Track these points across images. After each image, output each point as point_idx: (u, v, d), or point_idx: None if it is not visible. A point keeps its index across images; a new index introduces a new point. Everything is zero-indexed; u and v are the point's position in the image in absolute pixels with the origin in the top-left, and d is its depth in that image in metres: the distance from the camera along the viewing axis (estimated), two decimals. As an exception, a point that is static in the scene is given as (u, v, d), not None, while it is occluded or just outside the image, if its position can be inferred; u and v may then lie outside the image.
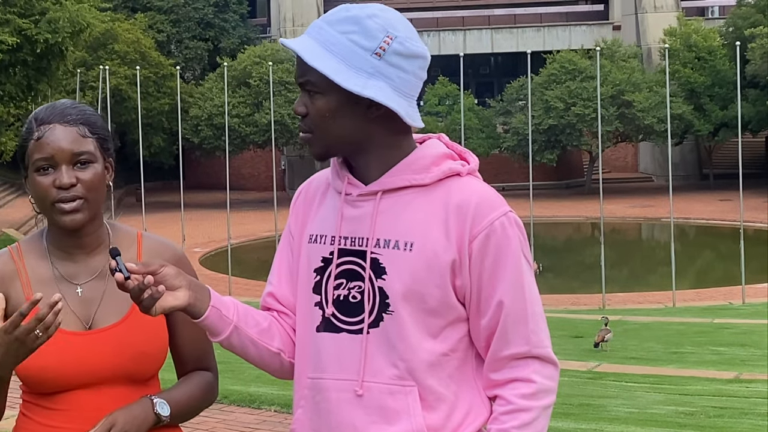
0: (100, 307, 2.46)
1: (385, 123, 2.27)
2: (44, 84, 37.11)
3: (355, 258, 2.29)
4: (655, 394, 11.23)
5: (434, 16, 65.11)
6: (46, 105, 2.49)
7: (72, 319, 2.43)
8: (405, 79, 2.25)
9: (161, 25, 60.45)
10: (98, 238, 2.50)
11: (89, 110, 2.48)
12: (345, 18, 2.24)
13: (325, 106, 2.24)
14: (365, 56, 2.22)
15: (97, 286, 2.47)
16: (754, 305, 25.91)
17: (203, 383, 2.58)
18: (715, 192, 54.35)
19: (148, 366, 2.47)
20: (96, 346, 2.42)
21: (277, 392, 8.43)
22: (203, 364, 2.60)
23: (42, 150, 2.40)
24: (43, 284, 2.45)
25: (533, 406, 2.26)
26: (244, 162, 60.40)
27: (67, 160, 2.39)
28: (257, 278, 31.77)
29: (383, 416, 2.26)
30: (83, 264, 2.48)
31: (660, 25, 58.64)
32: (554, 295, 28.70)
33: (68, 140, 2.40)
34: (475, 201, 2.25)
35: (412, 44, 2.26)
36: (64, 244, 2.48)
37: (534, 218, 32.06)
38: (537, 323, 2.30)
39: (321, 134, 2.27)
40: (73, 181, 2.39)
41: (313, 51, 2.22)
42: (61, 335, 2.39)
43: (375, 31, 2.23)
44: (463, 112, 40.17)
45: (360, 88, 2.20)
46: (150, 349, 2.46)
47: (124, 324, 2.45)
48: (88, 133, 2.43)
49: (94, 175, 2.42)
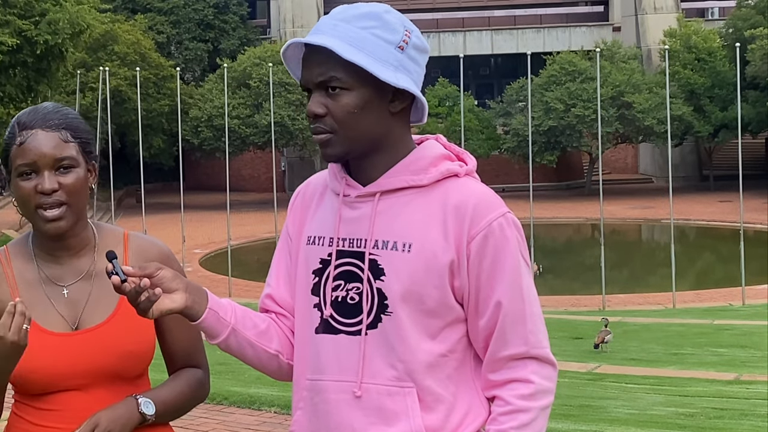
0: (87, 308, 2.47)
1: (402, 117, 2.30)
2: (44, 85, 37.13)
3: (354, 259, 2.29)
4: (655, 395, 11.22)
5: (434, 17, 65.15)
6: (29, 108, 2.49)
7: (58, 321, 2.45)
8: (419, 72, 2.30)
9: (161, 26, 60.47)
10: (83, 239, 2.51)
11: (72, 114, 2.49)
12: (363, 14, 2.25)
13: (353, 102, 2.24)
14: (390, 50, 2.24)
15: (83, 287, 2.48)
16: (754, 306, 25.91)
17: (193, 380, 2.58)
18: (715, 193, 54.36)
19: (136, 365, 2.48)
20: (83, 347, 2.44)
21: (277, 394, 8.43)
22: (193, 361, 2.61)
23: (24, 155, 2.41)
24: (29, 286, 2.47)
25: (531, 406, 2.26)
26: (244, 163, 60.42)
27: (49, 166, 2.41)
28: (257, 279, 31.77)
29: (382, 417, 2.26)
30: (69, 266, 2.50)
31: (660, 27, 58.67)
32: (554, 297, 28.71)
33: (50, 146, 2.41)
34: (473, 202, 2.26)
35: (422, 39, 2.32)
36: (49, 247, 2.50)
37: (534, 219, 32.07)
38: (535, 324, 2.29)
39: (345, 132, 2.26)
40: (55, 187, 2.40)
41: (343, 46, 2.22)
42: (48, 337, 2.42)
43: (396, 25, 2.26)
44: (463, 114, 40.18)
45: (395, 79, 2.22)
46: (137, 347, 2.47)
47: (110, 324, 2.46)
48: (71, 138, 2.44)
49: (76, 180, 2.43)
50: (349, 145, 2.27)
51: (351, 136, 2.26)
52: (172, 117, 51.02)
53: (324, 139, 2.27)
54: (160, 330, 2.55)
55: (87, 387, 2.43)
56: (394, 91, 2.25)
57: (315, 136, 2.29)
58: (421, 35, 2.31)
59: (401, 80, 2.23)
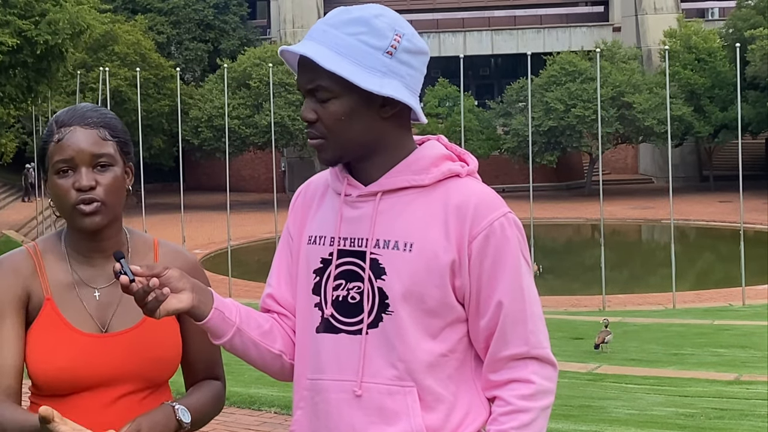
0: (117, 312, 2.47)
1: (396, 121, 2.29)
2: (44, 86, 37.09)
3: (355, 259, 2.30)
4: (655, 395, 11.22)
5: (434, 17, 65.13)
6: (68, 108, 2.48)
7: (88, 322, 2.45)
8: (413, 75, 2.28)
9: (161, 26, 60.45)
10: (117, 242, 2.51)
11: (110, 114, 2.48)
12: (351, 20, 2.24)
13: (340, 109, 2.24)
14: (377, 56, 2.23)
15: (114, 290, 2.47)
16: (754, 307, 25.89)
17: (214, 393, 2.58)
18: (715, 193, 54.33)
19: (162, 371, 2.48)
20: (111, 350, 2.43)
21: (277, 394, 8.42)
22: (213, 373, 2.61)
23: (62, 152, 2.40)
24: (61, 286, 2.46)
25: (532, 407, 2.26)
26: (244, 163, 60.40)
27: (87, 162, 2.40)
28: (257, 280, 31.76)
29: (382, 417, 2.26)
30: (101, 268, 2.49)
31: (660, 27, 58.65)
32: (554, 297, 28.69)
33: (88, 142, 2.40)
34: (474, 202, 2.26)
35: (417, 41, 2.29)
36: (83, 248, 2.49)
37: (534, 220, 32.06)
38: (536, 324, 2.30)
39: (335, 138, 2.26)
40: (92, 183, 2.39)
41: (326, 55, 2.21)
42: (77, 337, 2.42)
43: (384, 30, 2.24)
44: (463, 114, 40.16)
45: (378, 87, 2.21)
46: (164, 354, 2.47)
47: (139, 329, 2.46)
48: (109, 137, 2.43)
49: (114, 179, 2.42)
50: (341, 151, 2.28)
51: (341, 142, 2.26)
52: (172, 117, 51.01)
53: (317, 144, 2.29)
54: (183, 340, 2.54)
55: (110, 390, 2.42)
56: (383, 97, 2.24)
57: (309, 140, 2.31)
58: (416, 37, 2.28)
59: (387, 87, 2.21)
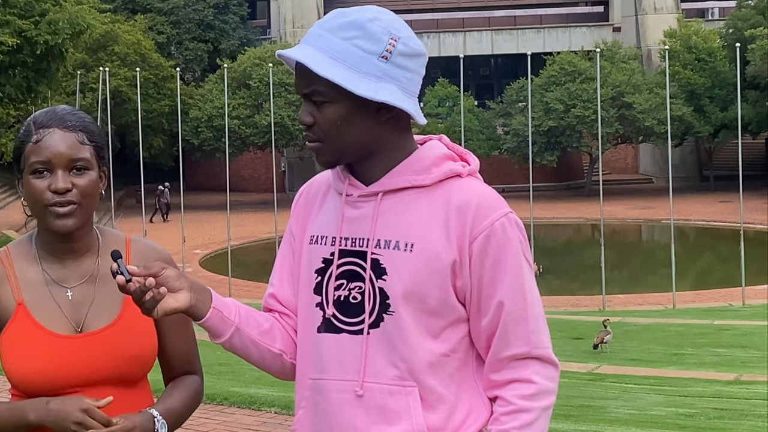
0: (91, 311, 2.48)
1: (393, 124, 2.28)
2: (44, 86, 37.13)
3: (356, 259, 2.30)
4: (655, 395, 11.23)
5: (434, 17, 65.15)
6: (46, 109, 2.50)
7: (63, 323, 2.45)
8: (410, 78, 2.26)
9: (161, 26, 60.48)
10: (88, 242, 2.52)
11: (88, 118, 2.50)
12: (346, 24, 2.23)
13: (336, 114, 2.24)
14: (372, 60, 2.22)
15: (86, 289, 2.49)
16: (754, 307, 25.91)
17: (193, 390, 2.59)
18: (715, 193, 54.35)
19: (138, 369, 2.49)
20: (87, 350, 2.44)
21: (277, 394, 8.42)
22: (190, 367, 2.62)
23: (40, 153, 2.41)
24: (32, 287, 2.47)
25: (533, 406, 2.26)
26: (244, 164, 60.42)
27: (64, 165, 2.41)
28: (257, 280, 31.78)
29: (384, 416, 2.26)
30: (73, 268, 2.50)
31: (660, 27, 58.68)
32: (554, 297, 28.70)
33: (66, 145, 2.42)
34: (475, 202, 2.26)
35: (414, 43, 2.27)
36: (54, 248, 2.50)
37: (534, 220, 32.07)
38: (537, 324, 2.30)
39: (332, 142, 2.26)
40: (69, 186, 2.40)
41: (320, 61, 2.21)
42: (52, 339, 2.42)
43: (379, 34, 2.23)
44: (463, 114, 40.19)
45: (372, 93, 2.20)
46: (140, 352, 2.48)
47: (114, 327, 2.47)
48: (86, 141, 2.45)
49: (90, 182, 2.43)
50: (339, 154, 2.28)
51: (338, 145, 2.26)
52: (172, 117, 51.03)
53: (315, 147, 2.29)
54: (159, 336, 2.55)
55: (88, 390, 2.43)
56: (379, 102, 2.23)
57: (308, 143, 2.31)
58: (412, 39, 2.27)
59: (382, 92, 2.21)
